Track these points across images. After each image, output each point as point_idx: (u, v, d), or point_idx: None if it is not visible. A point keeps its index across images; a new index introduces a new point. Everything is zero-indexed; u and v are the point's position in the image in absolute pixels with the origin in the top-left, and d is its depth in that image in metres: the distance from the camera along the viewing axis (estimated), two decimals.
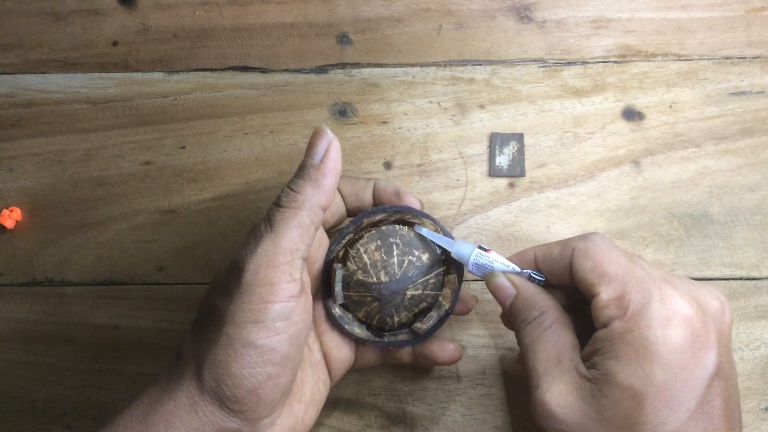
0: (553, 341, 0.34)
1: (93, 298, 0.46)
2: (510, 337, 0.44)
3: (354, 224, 0.38)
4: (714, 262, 0.45)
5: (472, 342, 0.44)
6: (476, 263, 0.38)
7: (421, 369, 0.44)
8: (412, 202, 0.39)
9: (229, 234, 0.46)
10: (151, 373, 0.45)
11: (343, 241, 0.39)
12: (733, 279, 0.45)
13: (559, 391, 0.32)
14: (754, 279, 0.45)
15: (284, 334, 0.33)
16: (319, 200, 0.34)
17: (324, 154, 0.35)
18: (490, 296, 0.45)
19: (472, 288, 0.45)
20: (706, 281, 0.45)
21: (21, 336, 0.45)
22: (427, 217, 0.39)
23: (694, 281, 0.34)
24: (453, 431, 0.43)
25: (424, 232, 0.39)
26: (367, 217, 0.39)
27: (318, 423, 0.44)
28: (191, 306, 0.45)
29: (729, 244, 0.45)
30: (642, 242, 0.45)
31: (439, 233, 0.39)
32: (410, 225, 0.39)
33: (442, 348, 0.40)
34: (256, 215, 0.46)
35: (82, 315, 0.45)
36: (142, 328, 0.45)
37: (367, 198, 0.39)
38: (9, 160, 0.47)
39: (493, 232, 0.46)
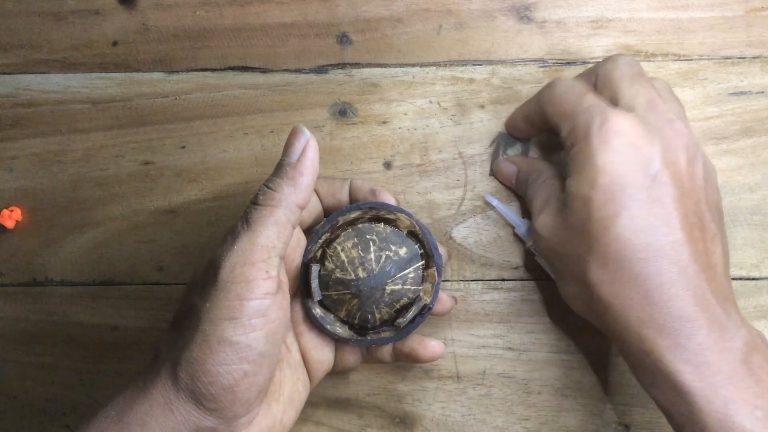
0: (545, 189, 0.41)
1: (93, 298, 0.46)
2: (509, 337, 0.44)
3: (329, 223, 0.39)
4: None
5: (472, 342, 0.44)
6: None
7: (418, 368, 0.44)
8: (387, 198, 0.40)
9: None
10: None
11: (320, 241, 0.39)
12: (733, 279, 0.45)
13: (543, 218, 0.39)
14: (754, 279, 0.45)
15: (260, 331, 0.33)
16: (296, 198, 0.35)
17: (301, 153, 0.35)
18: (490, 297, 0.45)
19: (472, 288, 0.45)
20: None
21: (21, 336, 0.45)
22: (402, 212, 0.39)
23: (664, 111, 0.37)
24: (453, 431, 0.43)
25: (495, 203, 0.44)
26: (342, 216, 0.39)
27: (318, 423, 0.44)
28: None
29: (729, 244, 0.45)
30: None
31: (416, 228, 0.39)
32: (386, 221, 0.40)
33: (423, 345, 0.40)
34: None
35: (82, 315, 0.45)
36: (142, 328, 0.45)
37: (344, 197, 0.40)
38: (9, 160, 0.47)
39: (494, 232, 0.46)
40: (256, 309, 0.32)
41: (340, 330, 0.39)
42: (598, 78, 0.40)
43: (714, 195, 0.38)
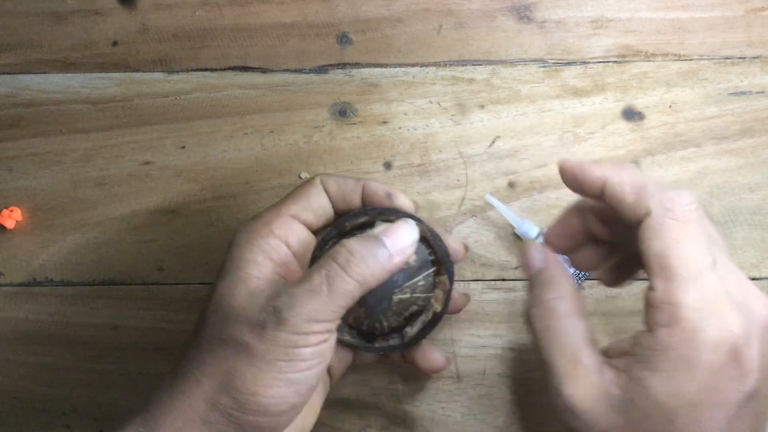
0: (569, 335, 0.32)
1: (93, 298, 0.46)
2: (509, 337, 0.44)
3: (336, 229, 0.37)
4: None
5: (472, 342, 0.44)
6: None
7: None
8: (404, 203, 0.38)
9: (229, 234, 0.46)
10: (151, 373, 0.44)
11: (326, 247, 0.37)
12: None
13: (584, 395, 0.31)
14: (754, 279, 0.45)
15: (315, 369, 0.33)
16: (374, 282, 0.34)
17: (402, 251, 0.35)
18: (490, 297, 0.45)
19: (471, 288, 0.45)
20: None
21: (21, 336, 0.45)
22: (412, 218, 0.37)
23: (744, 278, 0.31)
24: (453, 431, 0.43)
25: (495, 202, 0.43)
26: (350, 221, 0.37)
27: (318, 423, 0.44)
28: (191, 306, 0.45)
29: (729, 244, 0.45)
30: None
31: (426, 234, 0.37)
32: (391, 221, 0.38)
33: (423, 357, 0.39)
34: None
35: (82, 315, 0.45)
36: (142, 328, 0.45)
37: (356, 202, 0.38)
38: (9, 160, 0.47)
39: (493, 232, 0.46)
40: (314, 353, 0.33)
41: (348, 336, 0.39)
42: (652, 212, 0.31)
43: None
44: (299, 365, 0.32)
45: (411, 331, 0.38)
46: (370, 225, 0.37)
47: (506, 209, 0.44)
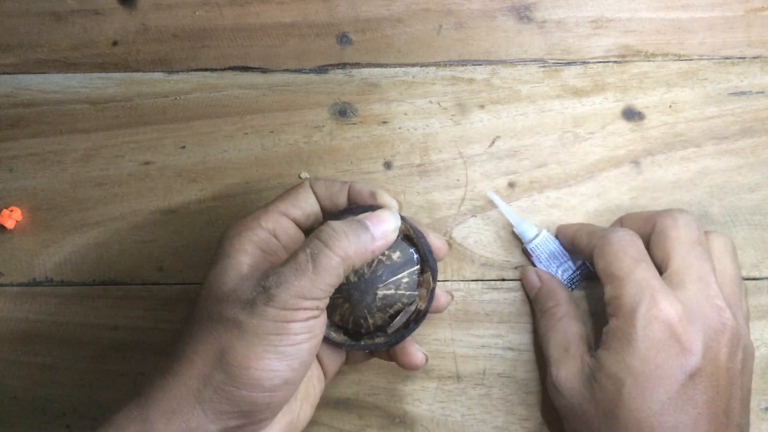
0: (563, 331, 0.40)
1: (93, 298, 0.46)
2: (509, 337, 0.44)
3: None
4: None
5: (472, 342, 0.44)
6: (537, 245, 0.44)
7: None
8: (387, 201, 0.39)
9: None
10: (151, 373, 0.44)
11: None
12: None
13: (565, 375, 0.38)
14: (754, 279, 0.45)
15: (306, 344, 0.33)
16: (360, 259, 0.35)
17: (382, 225, 0.36)
18: (490, 297, 0.45)
19: (471, 288, 0.45)
20: None
21: (21, 336, 0.45)
22: (412, 230, 0.38)
23: (714, 294, 0.37)
24: (453, 431, 0.43)
25: (497, 199, 0.44)
26: (336, 217, 0.38)
27: (318, 423, 0.44)
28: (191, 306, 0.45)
29: None
30: None
31: (410, 232, 0.38)
32: None
33: (403, 353, 0.40)
34: None
35: (82, 315, 0.45)
36: (142, 328, 0.45)
37: (342, 201, 0.39)
38: (9, 160, 0.47)
39: (493, 232, 0.46)
40: (305, 327, 0.33)
41: (334, 334, 0.39)
42: (654, 231, 0.40)
43: (748, 382, 0.38)
44: (290, 339, 0.33)
45: (392, 328, 0.38)
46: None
47: (507, 207, 0.44)
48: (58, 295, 0.46)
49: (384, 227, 0.36)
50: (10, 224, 0.46)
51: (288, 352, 0.33)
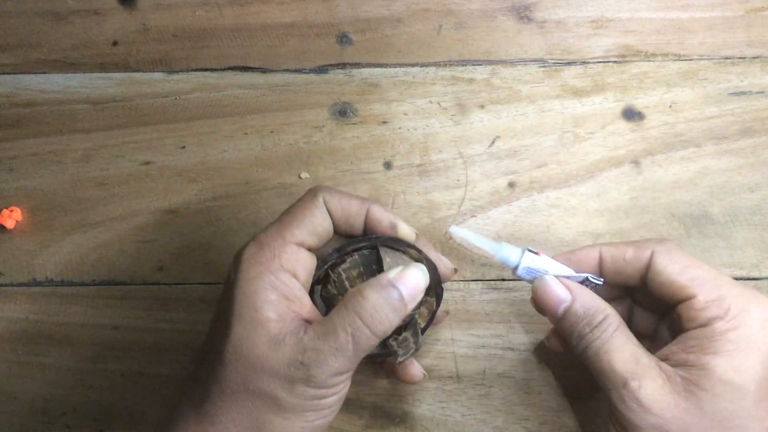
0: (625, 342, 0.35)
1: (93, 298, 0.46)
2: (509, 337, 0.44)
3: (338, 252, 0.37)
4: (714, 262, 0.45)
5: (472, 342, 0.44)
6: (528, 268, 0.37)
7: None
8: (407, 234, 0.38)
9: (229, 234, 0.46)
10: (151, 373, 0.44)
11: (325, 266, 0.37)
12: (733, 279, 0.45)
13: (651, 387, 0.33)
14: (754, 279, 0.45)
15: (336, 409, 0.35)
16: (388, 333, 0.35)
17: (413, 292, 0.35)
18: (490, 297, 0.45)
19: (471, 288, 0.45)
20: None
21: (21, 336, 0.45)
22: (413, 248, 0.38)
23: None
24: (453, 431, 0.43)
25: (464, 233, 0.38)
26: (353, 246, 0.37)
27: None
28: (191, 306, 0.45)
29: (729, 244, 0.45)
30: None
31: (423, 263, 0.37)
32: (393, 249, 0.38)
33: (403, 370, 0.40)
34: (256, 215, 0.46)
35: (82, 315, 0.45)
36: (142, 328, 0.45)
37: (358, 226, 0.38)
38: (9, 160, 0.47)
39: (493, 232, 0.46)
40: (338, 399, 0.34)
41: None
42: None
43: None
44: (324, 412, 0.34)
45: (394, 344, 0.38)
46: (370, 248, 0.38)
47: (478, 237, 0.38)
48: (58, 295, 0.46)
49: (414, 292, 0.35)
50: (10, 224, 0.46)
51: (321, 424, 0.34)
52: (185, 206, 0.47)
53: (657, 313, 0.39)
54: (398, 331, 0.38)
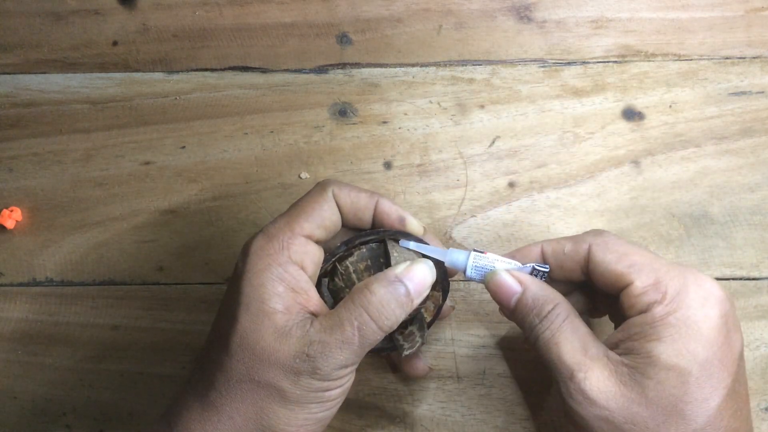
0: (573, 332, 0.35)
1: (93, 298, 0.46)
2: (509, 337, 0.44)
3: (345, 245, 0.37)
4: (714, 262, 0.45)
5: (472, 342, 0.44)
6: (475, 266, 0.37)
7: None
8: (416, 228, 0.38)
9: (229, 234, 0.46)
10: (151, 373, 0.44)
11: (333, 259, 0.38)
12: (733, 279, 0.45)
13: (596, 379, 0.33)
14: (754, 279, 0.45)
15: (339, 402, 0.35)
16: (394, 327, 0.35)
17: (420, 288, 0.35)
18: (488, 297, 0.45)
19: (471, 288, 0.45)
20: None
21: (21, 336, 0.45)
22: (422, 242, 0.38)
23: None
24: (453, 431, 0.43)
25: (412, 245, 0.37)
26: (361, 239, 0.37)
27: None
28: (191, 306, 0.45)
29: (729, 244, 0.45)
30: (642, 242, 0.45)
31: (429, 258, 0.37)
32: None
33: (409, 364, 0.41)
34: (256, 215, 0.46)
35: (82, 315, 0.45)
36: (142, 328, 0.45)
37: (367, 219, 0.38)
38: (9, 160, 0.47)
39: (493, 232, 0.46)
40: (342, 391, 0.35)
41: None
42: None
43: None
44: (328, 404, 0.34)
45: (400, 339, 0.38)
46: (378, 242, 0.38)
47: (427, 247, 0.38)
48: (58, 295, 0.46)
49: (421, 287, 0.35)
50: (10, 224, 0.46)
51: (325, 416, 0.34)
52: (185, 206, 0.47)
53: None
54: (404, 324, 0.39)
